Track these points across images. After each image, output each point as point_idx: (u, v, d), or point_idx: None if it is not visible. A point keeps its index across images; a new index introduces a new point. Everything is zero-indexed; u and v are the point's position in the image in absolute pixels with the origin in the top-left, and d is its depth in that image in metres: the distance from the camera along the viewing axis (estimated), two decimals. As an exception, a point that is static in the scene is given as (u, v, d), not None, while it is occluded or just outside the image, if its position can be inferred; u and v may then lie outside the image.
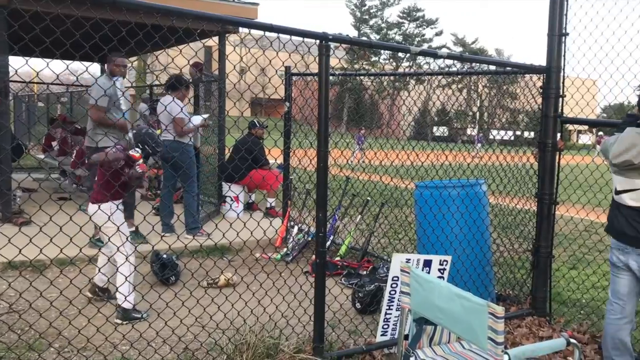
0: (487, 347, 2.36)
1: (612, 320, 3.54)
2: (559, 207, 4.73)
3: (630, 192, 3.31)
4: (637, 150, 3.17)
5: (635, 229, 3.29)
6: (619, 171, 3.36)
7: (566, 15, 4.50)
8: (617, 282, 3.51)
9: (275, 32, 3.32)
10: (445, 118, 20.49)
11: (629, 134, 3.28)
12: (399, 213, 7.00)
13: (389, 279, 3.90)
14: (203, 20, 3.43)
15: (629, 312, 3.49)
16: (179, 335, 3.76)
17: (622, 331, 3.49)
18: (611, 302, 3.56)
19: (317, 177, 3.51)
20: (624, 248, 3.38)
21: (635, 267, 3.32)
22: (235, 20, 3.65)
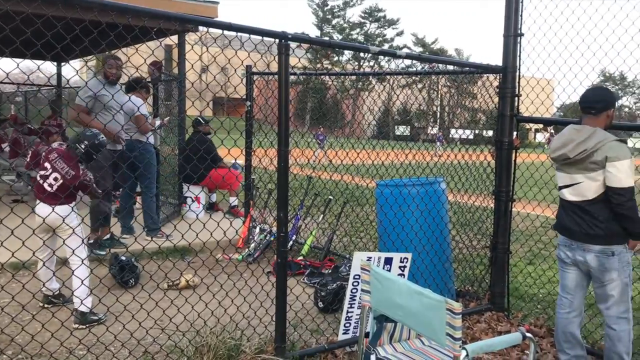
0: (446, 343, 2.39)
1: (562, 315, 3.63)
2: (516, 204, 4.84)
3: (570, 187, 3.41)
4: (573, 144, 3.28)
5: (578, 224, 3.37)
6: (559, 167, 3.47)
7: (521, 17, 4.60)
8: (565, 277, 3.60)
9: (234, 31, 3.29)
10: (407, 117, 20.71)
11: (567, 130, 3.39)
12: (361, 212, 7.05)
13: (351, 277, 3.91)
14: (160, 19, 3.37)
15: (578, 305, 3.59)
16: (138, 339, 3.69)
17: (572, 324, 3.59)
18: (560, 296, 3.65)
19: (278, 176, 3.50)
20: (569, 244, 3.47)
21: (582, 262, 3.40)
22: (193, 19, 3.62)
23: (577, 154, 3.28)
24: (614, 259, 3.30)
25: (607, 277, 3.33)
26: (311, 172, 6.36)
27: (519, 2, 4.58)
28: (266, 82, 5.96)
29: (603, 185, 3.27)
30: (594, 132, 3.27)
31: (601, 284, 3.37)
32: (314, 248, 6.47)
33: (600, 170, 3.25)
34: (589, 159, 3.25)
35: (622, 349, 3.37)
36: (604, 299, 3.40)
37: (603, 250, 3.31)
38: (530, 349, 2.74)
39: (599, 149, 3.22)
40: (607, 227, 3.29)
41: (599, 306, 3.47)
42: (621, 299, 3.36)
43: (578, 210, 3.39)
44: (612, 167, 3.20)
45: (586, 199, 3.34)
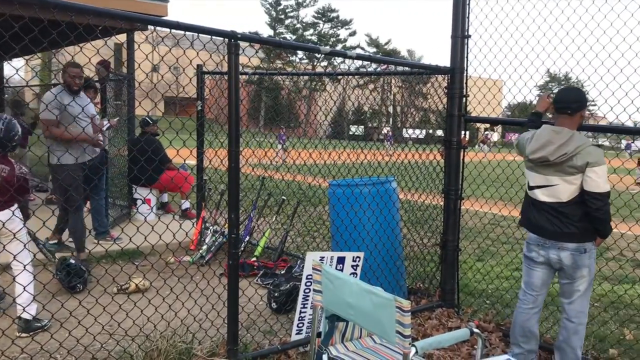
0: (395, 341, 2.41)
1: (523, 310, 3.69)
2: (465, 201, 4.94)
3: (543, 188, 3.44)
4: (553, 147, 3.30)
5: (552, 222, 3.41)
6: (534, 167, 3.49)
7: (468, 18, 4.70)
8: (532, 275, 3.63)
9: (182, 30, 3.24)
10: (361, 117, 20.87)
11: (545, 131, 3.41)
12: (314, 211, 7.06)
13: (303, 277, 3.92)
14: (105, 17, 3.28)
15: (540, 302, 3.67)
16: (85, 345, 3.58)
17: (532, 319, 3.67)
18: (525, 292, 3.70)
19: (229, 177, 3.47)
20: (543, 243, 3.49)
21: (555, 260, 3.44)
22: (139, 18, 3.53)
23: (557, 157, 3.29)
24: (585, 255, 3.37)
25: (578, 273, 3.39)
26: (263, 172, 6.33)
27: (466, 4, 4.68)
28: (216, 82, 5.89)
29: (578, 189, 3.31)
30: (572, 135, 3.30)
31: (571, 280, 3.43)
32: (268, 249, 6.44)
33: (578, 175, 3.28)
34: (568, 163, 3.28)
35: (577, 343, 3.47)
36: (569, 293, 3.46)
37: (577, 248, 3.36)
38: (478, 344, 2.80)
39: (579, 153, 3.24)
40: (580, 226, 3.34)
41: (561, 299, 3.53)
42: (585, 295, 3.45)
43: (552, 210, 3.42)
44: (592, 173, 3.23)
45: (560, 201, 3.37)
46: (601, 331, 4.44)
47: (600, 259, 6.45)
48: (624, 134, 3.90)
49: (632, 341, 4.28)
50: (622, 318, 4.80)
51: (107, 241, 6.22)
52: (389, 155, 5.06)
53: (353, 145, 4.79)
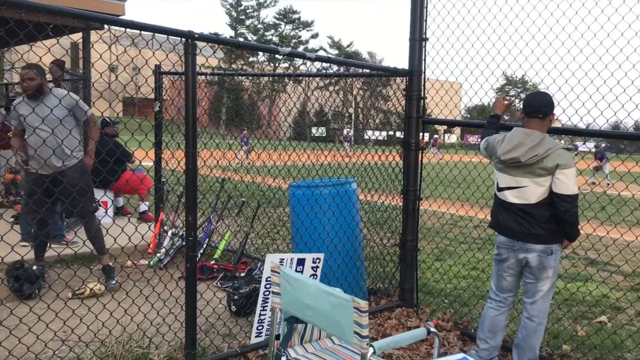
0: (353, 341, 2.42)
1: (493, 306, 3.75)
2: (423, 202, 5.00)
3: (513, 189, 3.49)
4: (525, 149, 3.35)
5: (521, 224, 3.46)
6: (504, 169, 3.53)
7: (426, 22, 4.76)
8: (501, 279, 3.68)
9: (138, 30, 3.18)
10: (323, 119, 20.91)
11: (517, 133, 3.45)
12: (275, 213, 7.03)
13: (263, 279, 3.89)
14: (57, 15, 3.19)
15: (510, 302, 3.74)
16: (36, 353, 3.47)
17: (502, 316, 3.74)
18: (495, 294, 3.75)
19: (186, 179, 3.42)
20: (511, 245, 3.54)
21: (524, 261, 3.50)
22: (92, 16, 3.44)
23: (528, 159, 3.33)
24: (552, 257, 3.43)
25: (544, 274, 3.45)
26: (222, 174, 6.27)
27: (424, 8, 4.74)
28: (173, 83, 5.81)
29: (547, 191, 3.36)
30: (543, 138, 3.35)
31: (536, 280, 3.48)
32: (228, 251, 6.38)
33: (548, 177, 3.33)
34: (538, 165, 3.33)
35: (536, 342, 3.55)
36: (533, 293, 3.52)
37: (544, 250, 3.42)
38: (435, 343, 2.83)
39: (549, 155, 3.30)
40: (547, 227, 3.40)
41: (524, 299, 3.59)
42: (547, 295, 3.52)
43: (520, 212, 3.46)
44: (561, 175, 3.29)
45: (529, 202, 3.42)
46: (555, 328, 4.55)
47: (554, 258, 6.63)
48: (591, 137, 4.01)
49: (584, 337, 4.40)
50: (574, 315, 4.94)
51: (60, 245, 6.05)
52: (349, 156, 5.08)
53: (314, 147, 4.78)
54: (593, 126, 4.03)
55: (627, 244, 4.64)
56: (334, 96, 5.85)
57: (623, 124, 4.88)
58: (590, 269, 6.13)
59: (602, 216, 5.09)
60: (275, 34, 66.17)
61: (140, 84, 4.09)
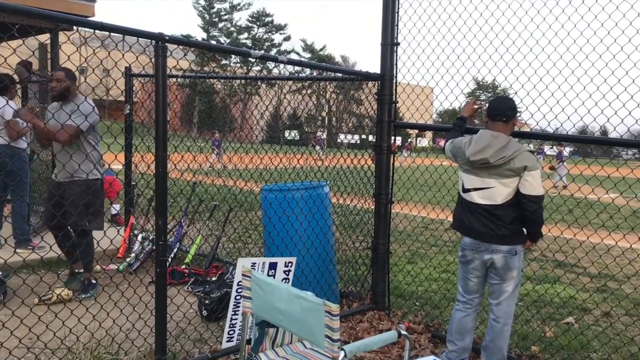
0: (325, 345, 2.42)
1: (461, 308, 3.80)
2: (395, 205, 5.03)
3: (480, 190, 3.54)
4: (494, 150, 3.41)
5: (486, 225, 3.51)
6: (471, 170, 3.58)
7: (397, 27, 4.79)
8: (467, 281, 3.73)
9: (107, 31, 3.14)
10: (296, 122, 20.90)
11: (484, 135, 3.52)
12: (247, 217, 6.99)
13: (234, 284, 3.86)
14: (22, 15, 3.12)
15: (477, 304, 3.78)
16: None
17: (469, 317, 3.78)
18: (462, 295, 3.80)
19: (156, 182, 3.38)
20: (476, 247, 3.58)
21: (489, 262, 3.54)
22: (60, 17, 3.38)
23: (497, 160, 3.39)
24: (516, 258, 3.49)
25: (509, 275, 3.51)
26: (192, 177, 6.21)
27: (395, 13, 4.77)
28: (142, 85, 5.74)
29: (513, 192, 3.43)
30: (509, 140, 3.43)
31: (501, 281, 3.53)
32: (199, 256, 6.33)
33: (515, 178, 3.40)
34: (506, 166, 3.39)
35: (503, 343, 3.59)
36: (498, 294, 3.57)
37: (509, 250, 3.47)
38: (406, 346, 2.84)
39: (516, 157, 3.37)
40: (512, 228, 3.46)
41: (490, 300, 3.64)
42: (512, 296, 3.57)
43: (485, 213, 3.51)
44: (529, 176, 3.36)
45: (495, 203, 3.47)
46: (524, 329, 4.63)
47: (523, 260, 6.74)
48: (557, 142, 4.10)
49: (552, 338, 4.48)
50: (543, 316, 5.02)
51: (26, 250, 5.91)
52: (321, 160, 5.09)
53: (286, 150, 4.77)
54: (560, 130, 4.11)
55: (594, 246, 4.73)
56: (306, 99, 5.85)
57: (589, 129, 4.99)
58: (558, 270, 6.25)
59: (569, 219, 5.19)
60: (249, 37, 65.98)
61: (110, 86, 4.03)
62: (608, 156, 8.11)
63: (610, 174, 3.58)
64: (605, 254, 5.13)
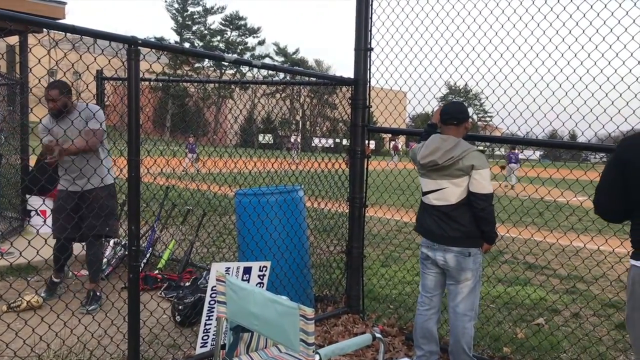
0: (300, 349, 2.42)
1: (421, 312, 3.86)
2: (369, 209, 5.06)
3: (435, 192, 3.64)
4: (441, 152, 3.52)
5: (441, 227, 3.60)
6: (426, 173, 3.69)
7: (370, 32, 4.83)
8: (425, 277, 3.83)
9: (79, 34, 3.10)
10: (270, 126, 20.85)
11: (434, 139, 3.63)
12: (221, 221, 6.95)
13: (208, 289, 3.84)
14: (-9, 16, 3.06)
15: (436, 303, 3.84)
16: (-32, 370, 3.31)
17: (430, 321, 3.83)
18: (421, 295, 3.88)
19: (129, 187, 3.34)
20: (431, 245, 3.68)
21: (442, 262, 3.63)
22: (29, 20, 3.33)
23: (445, 161, 3.50)
24: (469, 259, 3.55)
25: (462, 276, 3.58)
26: (166, 181, 6.16)
27: (369, 18, 4.81)
28: (115, 89, 5.67)
29: (465, 191, 3.52)
30: (458, 142, 3.54)
31: (456, 282, 3.61)
32: (172, 261, 6.27)
33: (465, 177, 3.50)
34: (455, 166, 3.50)
35: (465, 345, 3.64)
36: (454, 295, 3.64)
37: (461, 251, 3.55)
38: (380, 349, 2.87)
39: (464, 157, 3.47)
40: (466, 230, 3.54)
41: (449, 303, 3.71)
42: (469, 297, 3.62)
43: (441, 214, 3.60)
44: (477, 175, 3.47)
45: (449, 203, 3.57)
46: (496, 331, 4.69)
47: (495, 262, 6.85)
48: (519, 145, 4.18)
49: (523, 339, 4.55)
50: (514, 318, 5.10)
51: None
52: (296, 163, 5.09)
53: (260, 154, 4.76)
54: (530, 135, 4.19)
55: (563, 249, 4.83)
56: (280, 103, 5.84)
57: (559, 133, 5.09)
58: (529, 272, 6.35)
59: (539, 221, 5.29)
60: (222, 40, 65.70)
61: (81, 89, 3.98)
62: (576, 160, 8.28)
63: (578, 177, 3.67)
64: (574, 256, 5.23)
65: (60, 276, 5.08)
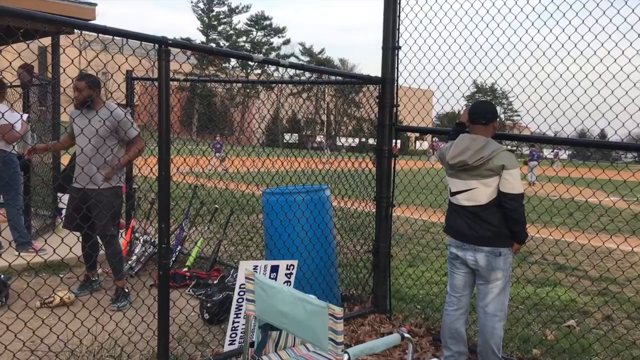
0: (328, 348, 2.42)
1: (449, 312, 3.83)
2: (396, 208, 5.04)
3: (464, 192, 3.61)
4: (471, 152, 3.50)
5: (471, 227, 3.58)
6: (455, 173, 3.66)
7: (398, 30, 4.81)
8: (454, 277, 3.80)
9: (110, 35, 3.15)
10: (296, 125, 20.95)
11: (463, 138, 3.60)
12: (248, 220, 6.99)
13: (237, 287, 3.87)
14: (28, 20, 3.14)
15: (465, 304, 3.81)
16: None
17: (458, 321, 3.80)
18: (449, 294, 3.85)
19: (159, 185, 3.38)
20: (461, 245, 3.66)
21: (472, 262, 3.61)
22: (64, 21, 3.39)
23: (475, 161, 3.47)
24: (500, 259, 3.52)
25: (492, 276, 3.55)
26: (195, 180, 6.22)
27: (397, 17, 4.79)
28: (146, 88, 5.75)
29: (495, 191, 3.50)
30: (488, 141, 3.51)
31: (486, 282, 3.58)
32: (200, 258, 6.33)
33: (495, 177, 3.47)
34: (485, 166, 3.47)
35: (494, 346, 3.61)
36: (484, 295, 3.61)
37: (491, 251, 3.52)
38: (409, 349, 2.85)
39: (494, 157, 3.44)
40: (496, 230, 3.51)
41: (478, 303, 3.68)
42: (499, 297, 3.59)
43: (471, 215, 3.58)
44: (507, 175, 3.44)
45: (479, 204, 3.54)
46: (525, 332, 4.63)
47: (524, 263, 6.76)
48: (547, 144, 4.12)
49: (553, 341, 4.48)
50: (544, 319, 5.03)
51: (29, 253, 5.92)
52: (329, 162, 5.09)
53: (287, 154, 4.78)
54: (561, 134, 4.12)
55: (595, 250, 4.74)
56: (307, 103, 5.86)
57: (589, 132, 5.00)
58: (559, 274, 6.25)
59: (570, 222, 5.21)
60: (247, 40, 66.10)
61: (112, 89, 4.05)
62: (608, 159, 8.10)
63: (611, 177, 3.60)
64: (606, 257, 5.13)
65: (94, 273, 5.17)
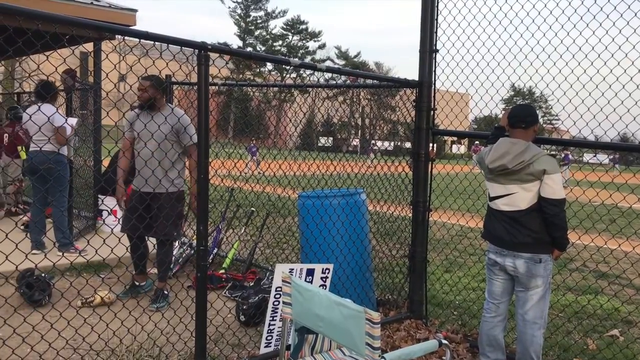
0: (365, 353, 2.42)
1: (487, 319, 3.79)
2: (433, 213, 4.99)
3: (503, 197, 3.56)
4: (511, 156, 3.45)
5: (510, 233, 3.52)
6: (494, 178, 3.61)
7: (436, 33, 4.77)
8: (492, 283, 3.75)
9: (151, 40, 3.21)
10: (330, 129, 20.97)
11: (503, 142, 3.56)
12: (284, 223, 7.03)
13: (272, 289, 3.89)
14: (73, 26, 3.23)
15: (502, 311, 3.75)
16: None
17: (496, 328, 3.75)
18: (487, 301, 3.80)
19: (198, 188, 3.44)
20: (500, 251, 3.60)
21: (511, 268, 3.55)
22: (107, 27, 3.50)
23: (515, 165, 3.43)
24: (540, 265, 3.46)
25: (532, 282, 3.49)
26: (233, 183, 6.29)
27: (434, 20, 4.76)
28: (185, 93, 5.85)
29: (536, 196, 3.44)
30: (528, 145, 3.46)
31: (525, 289, 3.52)
32: (236, 261, 6.39)
33: (536, 182, 3.42)
34: (525, 171, 3.42)
35: (533, 353, 3.54)
36: (523, 302, 3.55)
37: (532, 257, 3.46)
38: (447, 356, 2.82)
39: (535, 161, 3.39)
40: (537, 237, 3.45)
41: (517, 310, 3.62)
42: (539, 305, 3.52)
43: (510, 220, 3.53)
44: (549, 180, 3.38)
45: (519, 209, 3.49)
46: (565, 341, 4.53)
47: (565, 270, 6.61)
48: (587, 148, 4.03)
49: (595, 351, 4.37)
50: (585, 328, 4.90)
51: (71, 253, 6.09)
52: (372, 166, 5.07)
53: (323, 157, 4.79)
54: (603, 138, 4.03)
55: (639, 257, 4.60)
56: (341, 106, 5.86)
57: (634, 137, 4.86)
58: (601, 281, 6.09)
59: (613, 229, 5.06)
60: (283, 45, 66.55)
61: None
62: (652, 164, 7.84)
63: (657, 183, 3.49)
64: (651, 266, 4.98)
65: (143, 278, 5.23)
